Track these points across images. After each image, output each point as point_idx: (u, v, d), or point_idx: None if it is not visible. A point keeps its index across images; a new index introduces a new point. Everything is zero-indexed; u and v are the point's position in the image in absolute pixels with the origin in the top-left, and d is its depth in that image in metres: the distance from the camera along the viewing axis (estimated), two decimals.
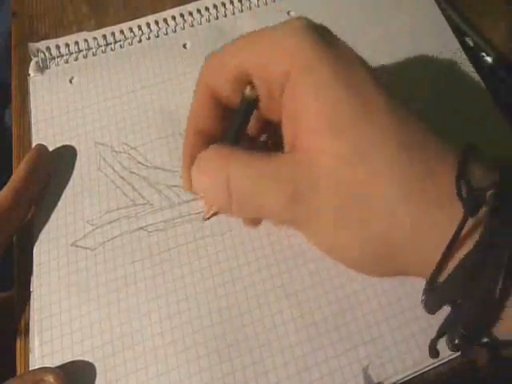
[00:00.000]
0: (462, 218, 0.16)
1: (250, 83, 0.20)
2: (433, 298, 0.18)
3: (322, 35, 0.19)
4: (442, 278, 0.17)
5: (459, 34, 0.33)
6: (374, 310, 0.24)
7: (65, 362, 0.23)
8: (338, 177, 0.18)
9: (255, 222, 0.25)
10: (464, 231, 0.17)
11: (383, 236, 0.18)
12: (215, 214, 0.26)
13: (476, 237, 0.17)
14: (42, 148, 0.27)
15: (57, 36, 0.32)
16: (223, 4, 0.33)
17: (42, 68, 0.31)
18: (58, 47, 0.31)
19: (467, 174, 0.17)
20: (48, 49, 0.31)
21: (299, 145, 0.19)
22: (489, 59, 0.32)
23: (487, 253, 0.16)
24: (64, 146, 0.28)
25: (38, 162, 0.27)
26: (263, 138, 0.25)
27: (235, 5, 0.33)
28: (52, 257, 0.25)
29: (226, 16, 0.33)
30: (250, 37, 0.20)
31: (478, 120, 0.29)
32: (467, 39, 0.32)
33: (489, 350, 0.20)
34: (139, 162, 0.28)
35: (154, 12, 0.33)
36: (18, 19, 0.34)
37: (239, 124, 0.21)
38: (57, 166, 0.28)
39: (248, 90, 0.20)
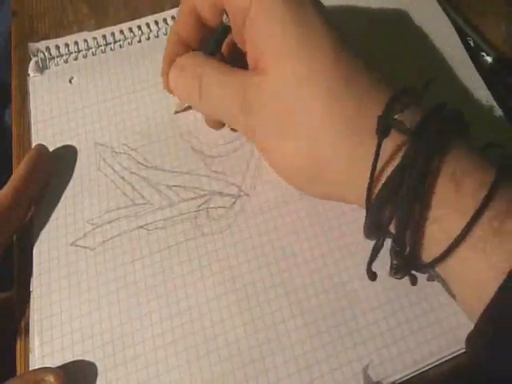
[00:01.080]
0: (377, 143, 0.19)
1: (226, 12, 0.24)
2: (368, 221, 0.20)
3: None
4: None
5: (459, 34, 0.33)
6: (373, 308, 0.24)
7: (65, 361, 0.23)
8: (280, 95, 0.21)
9: (216, 124, 0.28)
10: (386, 156, 0.19)
11: (309, 153, 0.21)
12: (185, 109, 0.29)
13: (398, 161, 0.19)
14: (41, 148, 0.27)
15: (57, 36, 0.32)
16: None
17: (41, 68, 0.31)
18: (57, 47, 0.31)
19: (392, 112, 0.20)
20: (48, 49, 0.31)
21: (257, 67, 0.22)
22: (489, 59, 0.32)
23: (403, 177, 0.19)
24: (64, 146, 0.28)
25: (37, 162, 0.27)
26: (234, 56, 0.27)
27: None
28: (52, 256, 0.25)
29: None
30: None
31: (478, 121, 0.29)
32: (467, 39, 0.33)
33: (422, 271, 0.22)
34: (139, 163, 0.28)
35: (153, 12, 0.33)
36: (18, 19, 0.34)
37: (216, 41, 0.25)
38: (57, 166, 0.28)
39: (225, 18, 0.24)
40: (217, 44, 0.26)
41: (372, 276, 0.22)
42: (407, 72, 0.31)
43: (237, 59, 0.25)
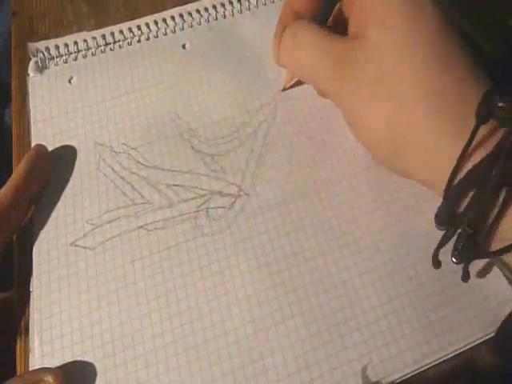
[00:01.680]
0: (474, 126, 0.19)
1: None
2: (445, 206, 0.20)
3: None
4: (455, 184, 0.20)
5: (460, 34, 0.33)
6: (373, 307, 0.24)
7: (65, 362, 0.23)
8: (380, 58, 0.21)
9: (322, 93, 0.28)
10: (477, 141, 0.19)
11: (402, 127, 0.21)
12: (292, 85, 0.29)
13: (489, 148, 0.19)
14: (41, 148, 0.27)
15: (57, 36, 0.32)
16: (222, 5, 0.33)
17: (41, 68, 0.31)
18: (57, 47, 0.31)
19: (491, 97, 0.19)
20: (47, 49, 0.31)
21: (359, 34, 0.23)
22: (489, 59, 0.32)
23: (494, 163, 0.19)
24: (63, 146, 0.28)
25: (37, 162, 0.27)
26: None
27: (234, 5, 0.34)
28: (52, 256, 0.25)
29: (225, 17, 0.33)
30: None
31: None
32: (467, 38, 0.33)
33: (488, 257, 0.22)
34: (139, 162, 0.28)
35: (153, 12, 0.33)
36: (18, 19, 0.34)
37: (325, 12, 0.26)
38: (56, 166, 0.28)
39: None
40: (327, 11, 0.26)
41: (437, 264, 0.22)
42: None
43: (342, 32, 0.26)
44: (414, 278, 0.24)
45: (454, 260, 0.21)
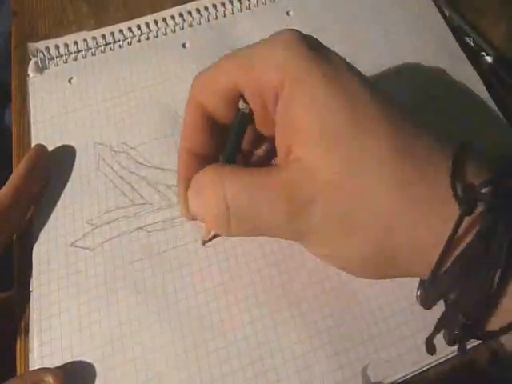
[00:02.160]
0: (458, 217, 0.17)
1: (243, 98, 0.20)
2: (430, 293, 0.19)
3: (312, 47, 0.19)
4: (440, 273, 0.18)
5: (460, 33, 0.33)
6: (372, 310, 0.24)
7: (64, 362, 0.23)
8: (333, 190, 0.18)
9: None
10: (462, 229, 0.17)
11: (381, 244, 0.18)
12: (214, 236, 0.25)
13: (473, 233, 0.17)
14: (40, 148, 0.27)
15: (57, 36, 0.32)
16: (222, 4, 0.33)
17: (41, 68, 0.31)
18: (57, 47, 0.31)
19: (461, 173, 0.17)
20: (47, 49, 0.31)
21: (293, 157, 0.19)
22: (489, 59, 0.32)
23: (485, 246, 0.17)
24: (63, 146, 0.28)
25: (37, 161, 0.27)
26: (258, 153, 0.25)
27: (234, 4, 0.33)
28: (51, 257, 0.25)
29: (225, 16, 0.33)
30: (240, 52, 0.21)
31: (478, 121, 0.29)
32: (467, 39, 0.32)
33: (485, 341, 0.21)
34: (138, 162, 0.28)
35: (153, 12, 0.33)
36: (18, 19, 0.34)
37: (235, 139, 0.22)
38: (56, 166, 0.28)
39: (242, 104, 0.20)
40: (238, 140, 0.22)
41: (431, 350, 0.20)
42: (406, 73, 0.31)
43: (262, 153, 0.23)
44: (409, 283, 0.24)
45: (447, 343, 0.19)
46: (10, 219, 0.25)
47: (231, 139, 0.22)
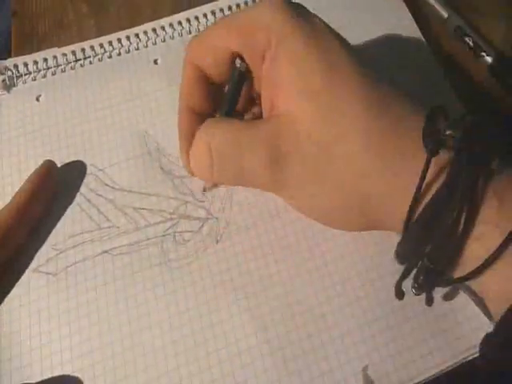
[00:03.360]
0: (425, 161, 0.18)
1: (239, 56, 0.22)
2: (404, 245, 0.20)
3: (297, 10, 0.21)
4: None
5: (460, 33, 0.32)
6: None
7: None
8: (309, 139, 0.20)
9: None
10: (430, 175, 0.19)
11: (351, 191, 0.20)
12: (215, 185, 0.26)
13: (441, 181, 0.18)
14: (51, 164, 0.26)
15: (57, 36, 0.33)
16: (196, 18, 0.33)
17: (8, 86, 0.30)
18: (25, 64, 0.31)
19: (433, 125, 0.19)
20: (15, 66, 0.31)
21: (276, 110, 0.21)
22: (489, 59, 0.31)
23: (451, 190, 0.18)
24: (29, 168, 0.28)
25: (46, 179, 0.26)
26: (250, 114, 0.26)
27: (209, 18, 0.33)
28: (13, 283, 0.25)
29: (198, 30, 0.32)
30: (233, 16, 0.23)
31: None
32: (467, 39, 0.32)
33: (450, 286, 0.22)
34: (106, 184, 0.27)
35: (153, 11, 0.34)
36: (18, 19, 0.34)
37: (231, 97, 0.23)
38: None
39: (239, 62, 0.22)
40: (234, 96, 0.23)
41: (400, 295, 0.22)
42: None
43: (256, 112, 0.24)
44: (385, 304, 0.24)
45: (414, 292, 0.20)
46: (7, 243, 0.24)
47: (227, 96, 0.23)
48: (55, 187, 0.26)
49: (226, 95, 0.23)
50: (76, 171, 0.27)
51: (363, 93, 0.20)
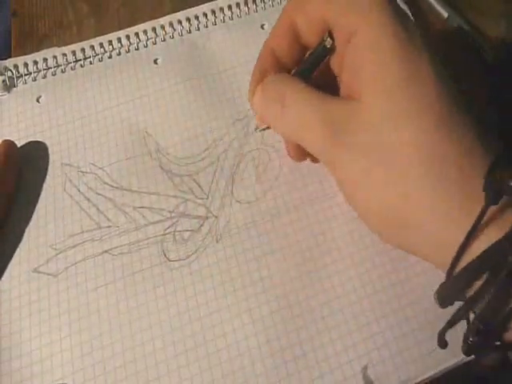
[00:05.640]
0: (482, 208, 0.17)
1: (329, 32, 0.21)
2: (449, 287, 0.18)
3: (397, 11, 0.21)
4: (459, 267, 0.18)
5: (460, 33, 0.32)
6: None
7: None
8: (377, 128, 0.19)
9: (299, 155, 0.26)
10: (486, 222, 0.17)
11: (401, 204, 0.19)
12: (265, 128, 0.25)
13: (498, 229, 0.17)
14: (10, 142, 0.27)
15: (56, 36, 0.33)
16: (196, 17, 0.33)
17: (8, 86, 0.30)
18: (25, 65, 0.31)
19: (496, 171, 0.18)
20: (15, 66, 0.31)
21: (352, 95, 0.21)
22: (489, 58, 0.31)
23: (509, 247, 0.16)
24: (30, 168, 0.28)
25: (9, 154, 0.27)
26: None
27: (208, 17, 0.33)
28: (13, 284, 0.24)
29: (198, 29, 0.32)
30: None
31: None
32: (467, 39, 0.32)
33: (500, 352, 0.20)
34: (105, 183, 0.27)
35: (153, 11, 0.33)
36: (18, 19, 0.34)
37: (310, 64, 0.23)
38: (22, 188, 0.27)
39: (326, 38, 0.21)
40: (312, 66, 0.23)
41: (443, 344, 0.20)
42: None
43: (329, 88, 0.23)
44: (385, 305, 0.23)
45: (465, 355, 0.18)
46: None
47: (307, 62, 0.23)
48: (18, 163, 0.27)
49: (306, 60, 0.23)
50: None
51: (440, 104, 0.19)
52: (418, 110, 0.19)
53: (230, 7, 0.33)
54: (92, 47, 0.31)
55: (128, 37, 0.32)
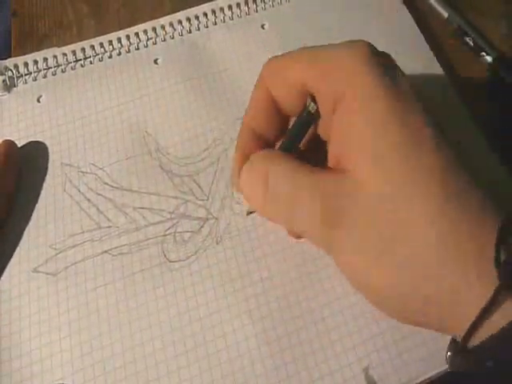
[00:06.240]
0: (497, 287, 0.16)
1: (312, 96, 0.20)
2: (462, 359, 0.17)
3: (384, 65, 0.19)
4: (474, 341, 0.17)
5: (460, 33, 0.32)
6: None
7: None
8: (378, 211, 0.18)
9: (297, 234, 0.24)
10: (500, 300, 0.16)
11: (413, 285, 0.17)
12: (252, 212, 0.24)
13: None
14: (10, 142, 0.27)
15: (56, 36, 0.33)
16: (196, 17, 0.33)
17: (9, 86, 0.30)
18: (26, 64, 0.31)
19: (507, 241, 0.16)
20: (16, 66, 0.31)
21: (343, 166, 0.19)
22: (489, 59, 0.31)
23: None
24: (30, 168, 0.28)
25: (9, 154, 0.27)
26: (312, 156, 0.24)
27: (209, 17, 0.33)
28: (13, 284, 0.24)
29: (198, 29, 0.32)
30: (314, 50, 0.21)
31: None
32: (467, 39, 0.32)
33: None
34: (105, 183, 0.27)
35: (153, 11, 0.33)
36: (18, 19, 0.34)
37: (295, 134, 0.22)
38: (22, 188, 0.27)
39: (309, 103, 0.20)
40: (298, 136, 0.22)
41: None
42: None
43: (317, 156, 0.22)
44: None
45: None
46: None
47: (291, 133, 0.22)
48: (19, 163, 0.27)
49: (290, 131, 0.22)
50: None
51: (442, 177, 0.17)
52: (425, 182, 0.17)
53: (230, 7, 0.33)
54: (92, 47, 0.31)
55: (128, 37, 0.32)
